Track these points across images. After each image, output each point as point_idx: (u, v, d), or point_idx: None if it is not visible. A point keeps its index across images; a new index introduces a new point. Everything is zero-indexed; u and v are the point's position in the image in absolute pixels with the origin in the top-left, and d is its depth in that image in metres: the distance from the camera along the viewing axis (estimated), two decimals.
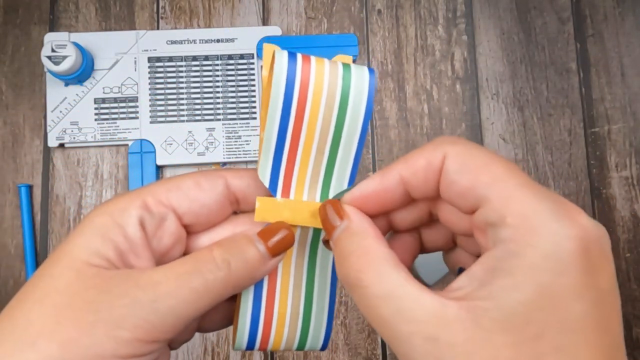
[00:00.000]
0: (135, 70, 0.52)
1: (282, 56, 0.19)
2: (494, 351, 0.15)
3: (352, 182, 0.21)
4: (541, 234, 0.15)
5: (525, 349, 0.14)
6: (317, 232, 0.22)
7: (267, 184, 0.20)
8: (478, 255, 0.20)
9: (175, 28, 0.54)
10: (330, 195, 0.21)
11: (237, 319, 0.21)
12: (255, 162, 0.52)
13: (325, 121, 0.19)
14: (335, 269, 0.21)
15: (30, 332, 0.16)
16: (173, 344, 0.21)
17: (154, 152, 0.51)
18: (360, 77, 0.19)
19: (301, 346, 0.22)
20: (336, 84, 0.19)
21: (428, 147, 0.18)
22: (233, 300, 0.22)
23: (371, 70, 0.19)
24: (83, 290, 0.17)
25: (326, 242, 0.22)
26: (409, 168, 0.19)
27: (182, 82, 0.52)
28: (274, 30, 0.53)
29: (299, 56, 0.19)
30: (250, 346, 0.21)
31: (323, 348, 0.22)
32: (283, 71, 0.19)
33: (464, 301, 0.15)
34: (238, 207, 0.21)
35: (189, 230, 0.21)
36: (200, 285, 0.18)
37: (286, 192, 0.20)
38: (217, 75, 0.52)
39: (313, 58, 0.19)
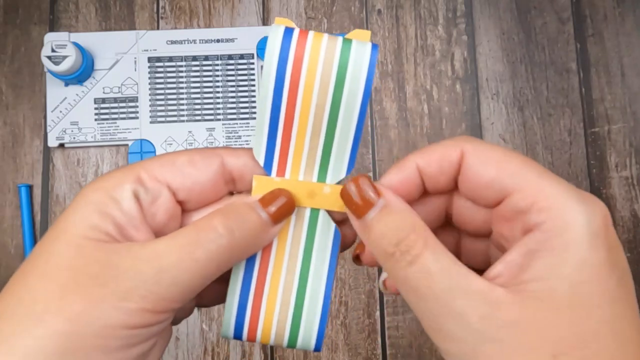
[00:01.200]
0: (135, 70, 0.52)
1: (277, 31, 0.18)
2: (547, 330, 0.15)
3: (352, 163, 0.20)
4: (575, 214, 0.16)
5: (579, 324, 0.15)
6: (314, 214, 0.21)
7: (261, 162, 0.20)
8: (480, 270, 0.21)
9: (175, 28, 0.54)
10: (329, 176, 0.20)
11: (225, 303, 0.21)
12: None
13: (320, 100, 0.19)
14: (333, 259, 0.21)
15: (36, 308, 0.16)
16: (174, 319, 0.20)
17: (154, 152, 0.51)
18: (360, 54, 0.18)
19: (292, 342, 0.21)
20: (332, 61, 0.18)
21: (445, 142, 0.19)
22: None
23: (374, 46, 0.19)
24: (86, 265, 0.17)
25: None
26: (424, 158, 0.19)
27: (182, 82, 0.52)
28: None
29: (296, 31, 0.19)
30: (238, 335, 0.21)
31: (316, 349, 0.21)
32: (276, 47, 0.18)
33: (507, 287, 0.16)
34: (234, 187, 0.21)
35: (184, 208, 0.20)
36: (203, 255, 0.18)
37: (281, 172, 0.20)
38: (217, 75, 0.52)
39: (311, 33, 0.19)
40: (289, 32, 0.18)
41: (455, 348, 0.16)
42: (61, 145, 0.52)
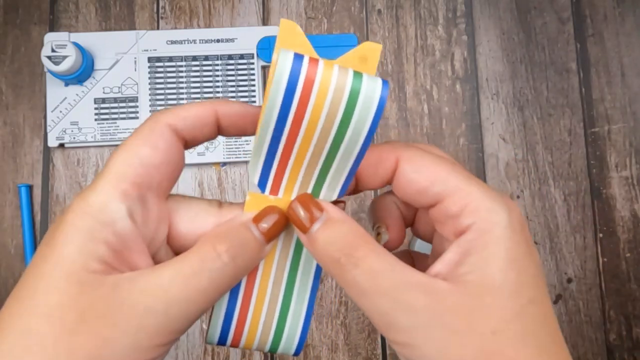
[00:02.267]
0: (135, 70, 0.52)
1: (287, 57, 0.18)
2: (486, 310, 0.17)
3: (343, 192, 0.20)
4: (498, 214, 0.18)
5: (510, 304, 0.17)
6: None
7: (256, 181, 0.20)
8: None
9: (175, 28, 0.54)
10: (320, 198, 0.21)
11: (211, 312, 0.21)
12: None
13: (323, 134, 0.18)
14: (318, 271, 0.21)
15: (46, 353, 0.16)
16: None
17: None
18: (370, 93, 0.18)
19: (274, 348, 0.21)
20: (341, 98, 0.18)
21: (382, 147, 0.20)
22: None
23: (385, 83, 0.18)
24: (92, 303, 0.17)
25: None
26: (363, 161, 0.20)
27: (182, 82, 0.52)
28: (274, 30, 0.53)
29: (306, 59, 0.18)
30: (222, 342, 0.21)
31: (296, 353, 0.22)
32: (284, 75, 0.18)
33: (447, 280, 0.18)
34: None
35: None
36: (208, 285, 0.18)
37: (275, 192, 0.20)
38: (217, 75, 0.52)
39: (321, 63, 0.18)
40: (298, 58, 0.18)
41: (406, 338, 0.18)
42: (61, 145, 0.52)
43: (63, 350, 0.16)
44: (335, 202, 0.21)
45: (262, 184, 0.20)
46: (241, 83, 0.52)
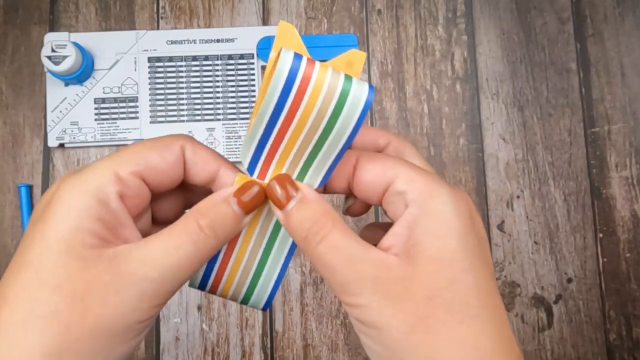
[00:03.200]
0: (135, 70, 0.52)
1: (288, 55, 0.20)
2: (423, 278, 0.20)
3: (324, 181, 0.22)
4: (440, 192, 0.21)
5: (446, 271, 0.20)
6: None
7: (246, 165, 0.22)
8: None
9: (175, 28, 0.54)
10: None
11: None
12: None
13: (312, 128, 0.20)
14: (293, 247, 0.24)
15: (60, 318, 0.18)
16: None
17: None
18: (358, 95, 0.20)
19: (245, 301, 0.25)
20: (333, 96, 0.20)
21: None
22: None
23: (371, 88, 0.20)
24: (96, 274, 0.19)
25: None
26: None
27: (182, 82, 0.52)
28: (274, 31, 0.53)
29: (304, 59, 0.20)
30: (202, 287, 0.24)
31: (264, 309, 0.25)
32: (284, 72, 0.19)
33: (398, 255, 0.20)
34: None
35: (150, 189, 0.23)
36: (195, 254, 0.21)
37: (262, 177, 0.23)
38: (217, 75, 0.52)
39: (317, 64, 0.20)
40: (298, 58, 0.20)
41: (355, 300, 0.20)
42: (61, 145, 0.52)
43: (76, 316, 0.18)
44: None
45: (251, 169, 0.22)
46: (241, 83, 0.52)
